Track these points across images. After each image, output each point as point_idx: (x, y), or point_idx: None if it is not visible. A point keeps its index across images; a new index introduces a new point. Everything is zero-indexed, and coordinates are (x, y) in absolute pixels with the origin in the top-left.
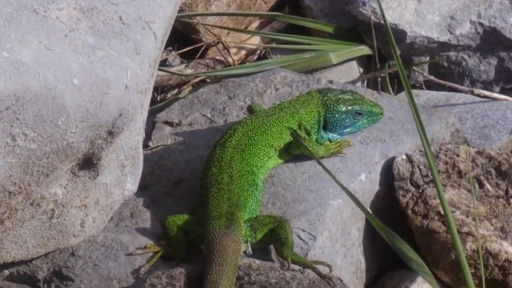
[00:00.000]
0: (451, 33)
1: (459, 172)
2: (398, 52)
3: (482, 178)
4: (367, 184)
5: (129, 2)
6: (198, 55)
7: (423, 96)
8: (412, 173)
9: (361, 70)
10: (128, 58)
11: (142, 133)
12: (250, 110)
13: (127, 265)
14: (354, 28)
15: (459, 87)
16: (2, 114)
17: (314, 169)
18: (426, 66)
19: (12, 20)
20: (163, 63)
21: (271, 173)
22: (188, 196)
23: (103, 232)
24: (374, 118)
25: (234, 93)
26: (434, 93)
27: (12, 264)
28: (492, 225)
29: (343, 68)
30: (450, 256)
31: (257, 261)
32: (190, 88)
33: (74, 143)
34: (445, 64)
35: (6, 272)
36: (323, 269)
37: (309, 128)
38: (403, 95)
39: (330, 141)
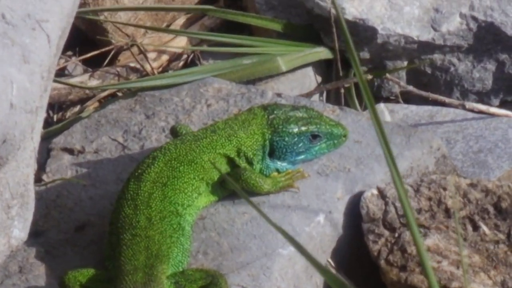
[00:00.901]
0: (435, 30)
1: (447, 210)
2: (366, 56)
3: (476, 218)
4: (326, 228)
5: None
6: (106, 61)
7: (400, 112)
8: (386, 212)
9: (319, 79)
10: (13, 67)
11: (33, 164)
12: (174, 132)
13: None
14: (310, 25)
15: (447, 100)
16: None
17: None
18: (403, 73)
19: None
20: (61, 73)
21: (202, 214)
22: (94, 245)
23: None
24: (335, 141)
25: (153, 111)
26: (413, 108)
27: None
28: (490, 278)
29: (295, 77)
30: None
31: None
32: (96, 104)
33: None
34: (428, 70)
35: None
36: None
37: (251, 156)
38: None
39: (279, 172)
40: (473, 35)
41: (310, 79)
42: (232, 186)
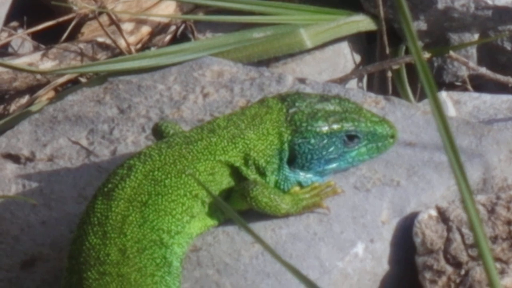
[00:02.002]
0: None
1: None
2: (422, 26)
3: None
4: (367, 262)
5: None
6: (65, 35)
7: (469, 103)
8: (448, 241)
9: (357, 58)
10: None
11: None
12: (158, 133)
13: None
14: None
15: None
16: None
17: (272, 235)
18: (473, 51)
19: None
20: (3, 51)
21: (196, 244)
22: (46, 287)
23: None
24: (379, 144)
25: (130, 103)
26: (487, 97)
27: None
28: None
29: (324, 56)
30: None
31: None
32: (51, 94)
33: None
34: (507, 46)
35: None
36: None
37: (264, 164)
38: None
39: (302, 187)
40: None
41: (345, 58)
42: (223, 208)
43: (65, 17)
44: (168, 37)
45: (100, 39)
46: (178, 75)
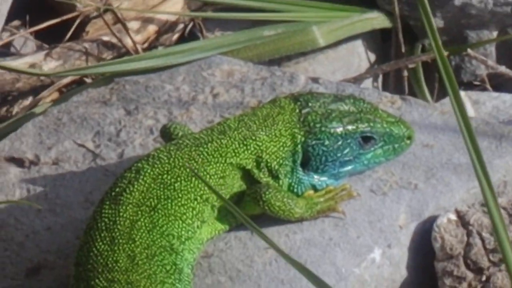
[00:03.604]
0: None
1: None
2: (439, 23)
3: None
4: (384, 268)
5: None
6: (69, 34)
7: (488, 103)
8: (469, 245)
9: (372, 57)
10: None
11: None
12: (167, 134)
13: None
14: None
15: None
16: None
17: (286, 241)
18: (492, 49)
19: None
20: (5, 51)
21: (207, 250)
22: None
23: None
24: (395, 145)
25: (137, 104)
26: (507, 97)
27: None
28: None
29: (338, 55)
30: None
31: None
32: (56, 95)
33: None
34: None
35: None
36: None
37: (276, 167)
38: (448, 103)
39: (316, 190)
40: None
41: (359, 57)
42: (234, 212)
43: (69, 15)
44: (175, 36)
45: (105, 38)
46: (186, 75)
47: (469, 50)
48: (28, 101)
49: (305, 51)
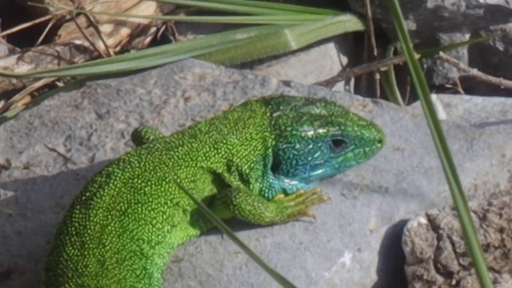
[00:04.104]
0: None
1: None
2: (412, 26)
3: None
4: (354, 272)
5: None
6: (42, 38)
7: (459, 106)
8: (439, 249)
9: (344, 60)
10: None
11: None
12: (138, 138)
13: None
14: None
15: None
16: None
17: (256, 245)
18: (464, 51)
19: None
20: None
21: (178, 254)
22: None
23: None
24: (366, 149)
25: (108, 108)
26: (479, 100)
27: None
28: None
29: (310, 58)
30: None
31: None
32: (27, 99)
33: None
34: (500, 46)
35: None
36: None
37: (247, 171)
38: (420, 106)
39: (286, 194)
40: None
41: (331, 60)
42: (207, 215)
43: (42, 19)
44: (148, 39)
45: (77, 42)
46: (158, 79)
47: (441, 53)
48: None
49: (277, 54)
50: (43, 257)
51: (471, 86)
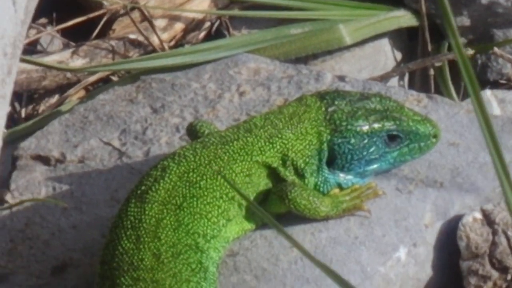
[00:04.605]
0: None
1: None
2: (465, 22)
3: None
4: (409, 267)
5: None
6: (96, 32)
7: None
8: (494, 244)
9: (398, 55)
10: None
11: None
12: (193, 132)
13: None
14: None
15: None
16: None
17: (311, 239)
18: None
19: None
20: (32, 49)
21: (233, 248)
22: None
23: None
24: (421, 144)
25: (163, 102)
26: None
27: None
28: None
29: (364, 53)
30: None
31: None
32: (82, 93)
33: None
34: None
35: None
36: None
37: (302, 165)
38: None
39: (342, 188)
40: None
41: (385, 55)
42: (258, 212)
43: (96, 13)
44: (202, 34)
45: (132, 36)
46: (213, 73)
47: (495, 49)
48: (54, 99)
49: (331, 49)
50: (98, 250)
51: None
